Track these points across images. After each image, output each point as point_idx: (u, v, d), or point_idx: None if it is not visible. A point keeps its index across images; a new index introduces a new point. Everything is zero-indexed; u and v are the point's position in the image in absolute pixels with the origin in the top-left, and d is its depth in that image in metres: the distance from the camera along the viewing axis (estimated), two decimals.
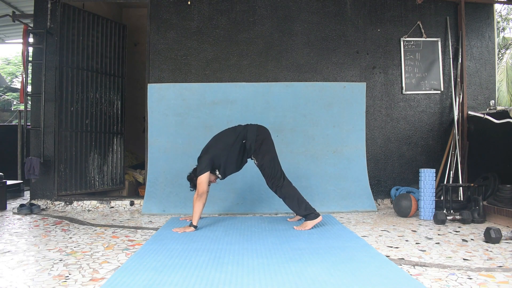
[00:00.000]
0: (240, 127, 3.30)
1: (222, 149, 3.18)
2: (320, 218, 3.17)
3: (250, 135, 3.19)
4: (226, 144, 3.20)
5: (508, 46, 12.27)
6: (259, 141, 3.19)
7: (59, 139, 4.38)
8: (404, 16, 4.65)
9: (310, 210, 3.16)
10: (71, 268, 2.20)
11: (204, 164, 3.11)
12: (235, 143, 3.19)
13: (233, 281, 1.95)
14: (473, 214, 3.47)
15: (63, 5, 4.43)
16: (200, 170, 3.10)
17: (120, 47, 5.11)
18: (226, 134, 3.29)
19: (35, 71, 4.43)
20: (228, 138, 3.22)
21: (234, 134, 3.23)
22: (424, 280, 1.98)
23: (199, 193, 3.07)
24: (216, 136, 3.33)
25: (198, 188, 3.09)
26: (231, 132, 3.27)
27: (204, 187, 3.08)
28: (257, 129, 3.26)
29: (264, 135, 3.25)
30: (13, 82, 15.79)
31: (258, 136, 3.20)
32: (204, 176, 3.08)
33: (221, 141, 3.24)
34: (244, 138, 3.20)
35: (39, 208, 4.07)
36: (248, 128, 3.26)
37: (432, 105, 4.64)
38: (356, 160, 4.37)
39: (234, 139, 3.20)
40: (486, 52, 4.76)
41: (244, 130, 3.24)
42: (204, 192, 3.08)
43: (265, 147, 3.21)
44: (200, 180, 3.07)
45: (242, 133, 3.22)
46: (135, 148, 6.13)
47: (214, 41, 4.49)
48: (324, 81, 4.49)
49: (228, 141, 3.21)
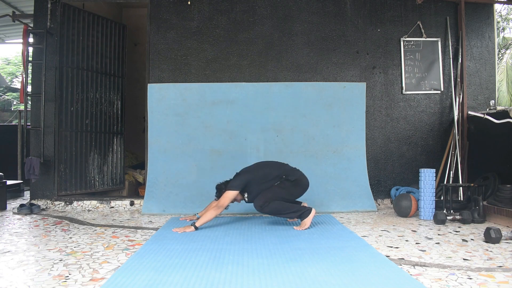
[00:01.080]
0: (287, 167, 3.36)
1: (261, 179, 3.23)
2: (314, 211, 3.19)
3: (292, 177, 3.25)
4: (266, 176, 3.25)
5: (508, 46, 12.26)
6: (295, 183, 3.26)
7: (59, 139, 4.38)
8: (404, 16, 4.65)
9: (300, 210, 3.18)
10: (71, 268, 2.20)
11: (238, 182, 3.17)
12: (275, 178, 3.25)
13: (233, 281, 1.95)
14: (473, 214, 3.47)
15: (63, 5, 4.43)
16: (232, 186, 3.16)
17: (120, 47, 5.11)
18: (271, 166, 3.35)
19: (35, 71, 4.43)
20: (272, 171, 3.28)
21: (279, 170, 3.29)
22: (424, 280, 1.98)
23: (219, 204, 3.11)
24: (262, 163, 3.42)
25: (221, 199, 3.13)
26: (277, 167, 3.33)
27: (228, 202, 3.14)
28: (301, 175, 3.33)
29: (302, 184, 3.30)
30: (13, 82, 15.79)
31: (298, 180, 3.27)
32: (233, 192, 3.14)
33: (264, 171, 3.29)
34: (286, 177, 3.25)
35: (39, 208, 4.07)
36: (294, 170, 3.34)
37: (432, 105, 4.64)
38: (356, 160, 4.37)
39: (276, 174, 3.26)
40: (486, 52, 4.76)
41: (290, 171, 3.30)
42: (225, 206, 3.14)
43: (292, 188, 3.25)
44: (227, 195, 3.13)
45: (287, 172, 3.28)
46: (135, 148, 6.13)
47: (214, 41, 4.49)
48: (324, 81, 4.49)
49: (271, 174, 3.26)
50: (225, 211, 3.96)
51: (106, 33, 4.90)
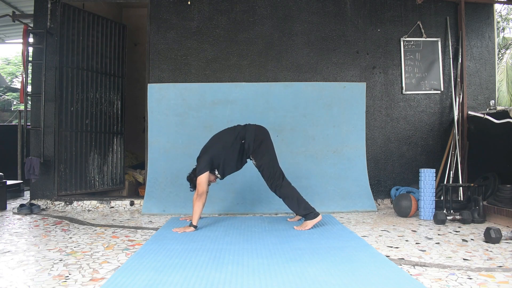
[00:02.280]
0: (239, 127, 3.29)
1: (221, 149, 3.17)
2: (320, 217, 3.16)
3: (249, 135, 3.18)
4: (225, 144, 3.18)
5: (508, 46, 12.26)
6: (257, 142, 3.18)
7: (59, 139, 4.38)
8: (404, 16, 4.65)
9: (309, 210, 3.16)
10: (71, 268, 2.20)
11: (203, 164, 3.11)
12: (234, 143, 3.18)
13: (233, 281, 1.95)
14: (473, 214, 3.47)
15: (63, 5, 4.43)
16: (199, 170, 3.09)
17: (120, 47, 5.11)
18: (225, 134, 3.28)
19: (35, 71, 4.43)
20: (227, 138, 3.21)
21: (233, 134, 3.22)
22: (424, 280, 1.98)
23: (198, 193, 3.07)
24: (215, 136, 3.32)
25: (197, 188, 3.08)
26: (230, 132, 3.26)
27: (204, 187, 3.08)
28: (256, 129, 3.25)
29: (263, 136, 3.24)
30: (13, 82, 15.79)
31: (256, 137, 3.19)
32: (203, 176, 3.08)
33: (220, 141, 3.23)
34: (243, 138, 3.18)
35: (39, 208, 4.07)
36: (247, 128, 3.25)
37: (432, 105, 4.64)
38: (356, 160, 4.37)
39: (233, 139, 3.19)
40: (486, 52, 4.76)
41: (243, 130, 3.23)
42: (204, 192, 3.08)
43: (263, 147, 3.20)
44: (200, 180, 3.07)
45: (241, 133, 3.21)
46: (135, 148, 6.13)
47: (214, 41, 4.49)
48: (324, 81, 4.49)
49: (227, 141, 3.20)
50: (225, 211, 3.98)
51: (106, 33, 4.90)
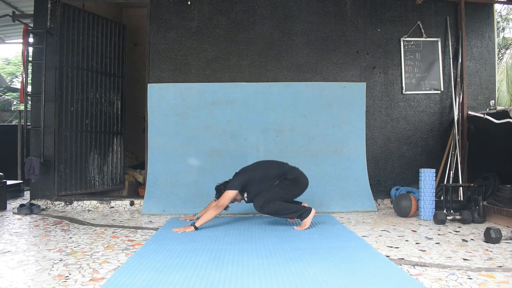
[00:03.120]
0: (287, 165, 3.35)
1: (260, 178, 3.21)
2: (314, 211, 3.19)
3: (291, 175, 3.24)
4: (266, 175, 3.24)
5: (508, 46, 12.27)
6: (294, 182, 3.24)
7: (59, 139, 4.38)
8: (404, 16, 4.65)
9: (300, 210, 3.18)
10: (71, 268, 2.20)
11: (238, 182, 3.16)
12: (274, 178, 3.23)
13: (233, 281, 1.95)
14: (473, 214, 3.47)
15: (63, 5, 4.43)
16: (230, 185, 3.15)
17: (120, 47, 5.11)
18: (271, 166, 3.34)
19: (35, 71, 4.43)
20: (271, 171, 3.27)
21: (279, 170, 3.28)
22: (424, 280, 1.98)
23: (219, 204, 3.11)
24: (261, 162, 3.41)
25: (221, 199, 3.12)
26: (277, 166, 3.33)
27: (227, 201, 3.13)
28: (301, 174, 3.31)
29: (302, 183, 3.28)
30: (13, 82, 15.79)
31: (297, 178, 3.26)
32: (232, 192, 3.13)
33: (263, 170, 3.28)
34: (285, 177, 3.24)
35: (39, 208, 4.07)
36: (293, 169, 3.32)
37: (432, 105, 4.64)
38: (356, 160, 4.37)
39: (276, 174, 3.25)
40: (486, 52, 4.76)
41: (289, 170, 3.29)
42: (224, 206, 3.13)
43: (291, 187, 3.24)
44: (227, 195, 3.12)
45: (286, 171, 3.27)
46: (135, 148, 6.13)
47: (214, 41, 4.49)
48: (324, 81, 4.49)
49: (270, 173, 3.25)
50: (224, 211, 3.97)
51: (106, 33, 4.90)
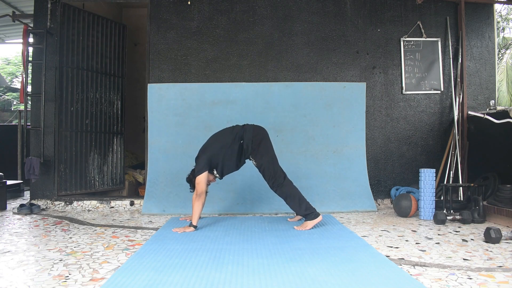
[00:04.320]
0: (237, 127, 3.28)
1: (220, 149, 3.17)
2: (320, 217, 3.16)
3: (247, 136, 3.17)
4: (223, 144, 3.18)
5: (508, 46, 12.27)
6: (256, 142, 3.17)
7: (59, 139, 4.38)
8: (404, 16, 4.65)
9: (310, 210, 3.16)
10: (71, 268, 2.20)
11: (202, 164, 3.10)
12: (233, 143, 3.18)
13: (233, 281, 1.95)
14: (473, 214, 3.47)
15: (63, 5, 4.43)
16: (198, 170, 3.10)
17: (120, 47, 5.11)
18: (223, 134, 3.28)
19: (35, 71, 4.43)
20: (226, 138, 3.21)
21: (232, 134, 3.22)
22: (424, 280, 1.98)
23: (198, 193, 3.07)
24: (214, 135, 3.32)
25: (196, 188, 3.08)
26: (229, 132, 3.26)
27: (203, 187, 3.08)
28: (254, 129, 3.24)
29: (261, 136, 3.23)
30: (13, 82, 15.79)
31: (255, 137, 3.19)
32: (202, 176, 3.08)
33: (218, 141, 3.22)
34: (241, 138, 3.18)
35: (39, 208, 4.07)
36: (245, 128, 3.24)
37: (432, 105, 4.64)
38: (356, 160, 4.37)
39: (231, 139, 3.19)
40: (486, 52, 4.76)
41: (242, 131, 3.22)
42: (203, 192, 3.08)
43: (263, 147, 3.19)
44: (199, 180, 3.07)
45: (239, 133, 3.21)
46: (135, 148, 6.13)
47: (214, 41, 4.49)
48: (324, 81, 4.49)
49: (226, 141, 3.19)
50: (225, 211, 3.98)
51: (106, 33, 4.90)
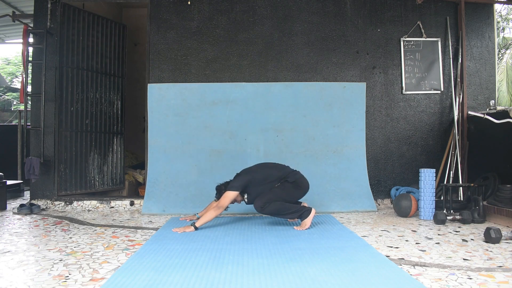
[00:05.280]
0: (288, 169, 3.35)
1: (261, 180, 3.22)
2: (314, 211, 3.19)
3: (292, 177, 3.24)
4: (267, 177, 3.23)
5: (508, 46, 12.27)
6: (294, 184, 3.24)
7: (59, 139, 4.38)
8: (404, 16, 4.65)
9: (300, 210, 3.18)
10: (71, 268, 2.20)
11: (239, 183, 3.16)
12: (275, 180, 3.23)
13: (233, 281, 1.95)
14: (473, 214, 3.47)
15: (63, 5, 4.43)
16: (231, 186, 3.15)
17: (120, 47, 5.11)
18: (272, 168, 3.34)
19: (35, 71, 4.43)
20: (273, 173, 3.27)
21: (280, 172, 3.28)
22: (424, 280, 1.98)
23: (219, 205, 3.11)
24: (263, 164, 3.41)
25: (221, 200, 3.12)
26: (279, 169, 3.32)
27: (227, 202, 3.13)
28: (302, 177, 3.31)
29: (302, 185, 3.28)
30: (13, 82, 15.79)
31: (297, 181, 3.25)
32: (233, 193, 3.13)
33: (264, 172, 3.28)
34: (286, 179, 3.24)
35: (39, 208, 4.07)
36: (295, 172, 3.32)
37: (432, 105, 4.64)
38: (356, 160, 4.37)
39: (277, 177, 3.24)
40: (486, 52, 4.76)
41: (291, 173, 3.28)
42: (224, 206, 3.13)
43: (292, 190, 3.24)
44: (227, 195, 3.12)
45: (287, 174, 3.26)
46: (135, 148, 6.13)
47: (214, 41, 4.49)
48: (324, 81, 4.49)
49: (271, 175, 3.25)
50: (224, 211, 3.97)
51: (106, 33, 4.90)
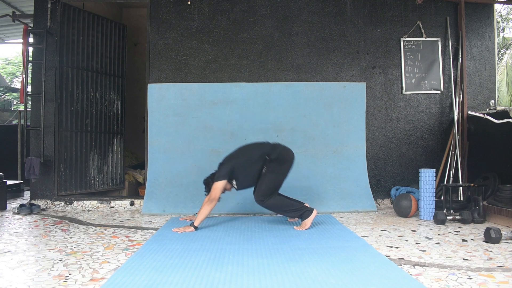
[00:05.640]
0: (268, 144, 3.32)
1: (244, 162, 3.20)
2: (315, 211, 3.18)
3: (275, 154, 3.21)
4: (249, 159, 3.21)
5: (508, 46, 12.27)
6: (280, 161, 3.21)
7: (59, 139, 4.38)
8: (404, 16, 4.65)
9: (301, 210, 3.17)
10: (71, 268, 2.20)
11: (224, 171, 3.14)
12: (258, 159, 3.21)
13: (233, 281, 1.95)
14: (473, 214, 3.47)
15: (63, 5, 4.43)
16: (218, 176, 3.13)
17: (120, 47, 5.11)
18: (252, 148, 3.31)
19: (35, 71, 4.43)
20: (253, 153, 3.24)
21: (260, 150, 3.25)
22: (424, 280, 1.98)
23: (211, 198, 3.09)
24: (243, 147, 3.36)
25: (211, 192, 3.11)
26: (258, 148, 3.30)
27: (218, 193, 3.11)
28: (284, 149, 3.30)
29: (288, 158, 3.27)
30: (13, 82, 15.79)
31: (282, 156, 3.23)
32: (220, 183, 3.10)
33: (245, 154, 3.26)
34: (268, 155, 3.21)
35: (39, 208, 4.07)
36: (275, 146, 3.29)
37: (432, 105, 4.64)
38: (356, 160, 4.37)
39: (259, 155, 3.21)
40: (486, 52, 4.76)
41: (272, 149, 3.26)
42: (216, 198, 3.11)
43: (279, 167, 3.21)
44: (216, 186, 3.10)
45: (268, 150, 3.24)
46: (135, 148, 6.13)
47: (214, 41, 4.49)
48: (324, 81, 4.49)
49: (253, 156, 3.22)
50: (225, 211, 3.98)
51: (106, 33, 4.90)
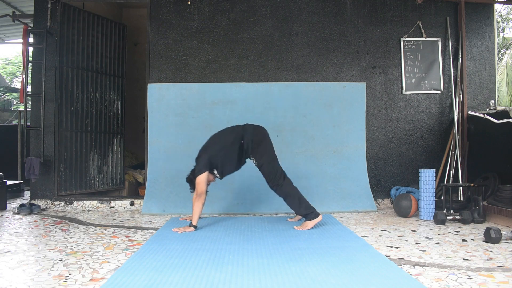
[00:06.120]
0: (238, 127, 3.29)
1: (220, 149, 3.17)
2: (320, 217, 3.17)
3: (248, 135, 3.18)
4: (224, 144, 3.19)
5: (508, 46, 12.27)
6: (256, 141, 3.18)
7: (59, 139, 4.38)
8: (404, 16, 4.65)
9: (310, 210, 3.16)
10: (71, 268, 2.20)
11: (202, 164, 3.11)
12: (233, 143, 3.18)
13: (233, 281, 1.95)
14: (473, 214, 3.47)
15: (63, 5, 4.43)
16: (198, 170, 3.10)
17: (120, 47, 5.11)
18: (224, 134, 3.28)
19: (35, 71, 4.43)
20: (226, 138, 3.22)
21: (232, 134, 3.22)
22: (424, 280, 1.98)
23: (198, 193, 3.07)
24: (214, 136, 3.32)
25: (197, 188, 3.09)
26: (229, 132, 3.26)
27: (203, 187, 3.08)
28: (255, 129, 3.26)
29: (262, 135, 3.24)
30: (13, 82, 15.79)
31: (255, 136, 3.19)
32: (202, 176, 3.08)
33: (219, 141, 3.23)
34: (241, 138, 3.18)
35: (39, 208, 4.07)
36: (245, 128, 3.25)
37: (432, 105, 4.64)
38: (356, 160, 4.37)
39: (232, 139, 3.19)
40: (486, 52, 4.76)
41: (242, 130, 3.23)
42: (203, 192, 3.08)
43: (263, 147, 3.20)
44: (199, 180, 3.07)
45: (240, 133, 3.21)
46: (135, 148, 6.13)
47: (214, 41, 4.49)
48: (324, 81, 4.49)
49: (226, 141, 3.20)
50: (225, 211, 3.98)
51: (106, 33, 4.90)
